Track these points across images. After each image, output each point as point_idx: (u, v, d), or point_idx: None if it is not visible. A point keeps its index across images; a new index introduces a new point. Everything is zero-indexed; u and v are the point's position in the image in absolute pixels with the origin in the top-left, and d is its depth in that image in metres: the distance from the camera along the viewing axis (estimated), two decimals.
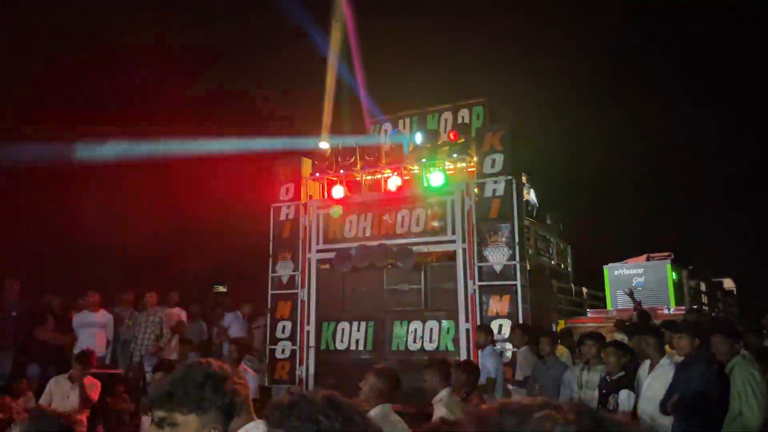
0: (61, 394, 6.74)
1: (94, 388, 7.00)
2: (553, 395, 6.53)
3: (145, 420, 4.98)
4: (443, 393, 4.66)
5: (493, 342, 7.78)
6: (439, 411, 4.54)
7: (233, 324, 10.29)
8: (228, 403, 1.98)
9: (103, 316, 9.44)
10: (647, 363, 5.65)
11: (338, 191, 10.14)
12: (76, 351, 8.05)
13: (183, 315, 10.31)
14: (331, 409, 1.37)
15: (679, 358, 5.36)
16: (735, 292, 16.67)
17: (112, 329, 9.56)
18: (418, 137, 9.95)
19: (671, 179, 21.87)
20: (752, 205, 20.70)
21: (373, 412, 3.81)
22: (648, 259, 11.92)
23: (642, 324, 7.14)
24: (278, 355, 9.96)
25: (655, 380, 5.41)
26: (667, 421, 4.98)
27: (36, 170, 14.70)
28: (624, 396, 5.50)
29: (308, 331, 9.84)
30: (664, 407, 4.97)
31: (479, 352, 7.70)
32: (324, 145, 10.49)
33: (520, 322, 8.27)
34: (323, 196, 10.49)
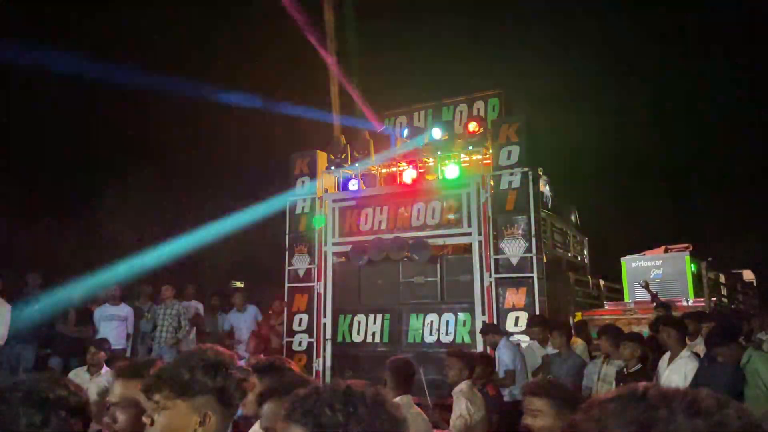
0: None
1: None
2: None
3: None
4: (463, 385, 4.67)
5: (507, 335, 7.76)
6: (460, 402, 4.56)
7: (241, 322, 10.28)
8: (220, 389, 1.93)
9: (123, 309, 9.54)
10: (667, 355, 5.62)
11: (353, 185, 10.17)
12: None
13: (200, 308, 10.40)
14: (338, 401, 1.33)
15: (700, 350, 5.33)
16: (755, 284, 16.47)
17: (133, 322, 9.66)
18: (436, 132, 9.90)
19: (690, 170, 21.63)
20: None
21: None
22: (666, 251, 11.83)
23: (665, 316, 7.08)
24: (295, 347, 10.02)
25: (674, 372, 5.38)
26: None
27: (56, 163, 14.90)
28: None
29: (325, 324, 9.88)
30: None
31: None
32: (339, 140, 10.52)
33: (537, 314, 8.23)
34: (339, 189, 10.52)
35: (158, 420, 1.89)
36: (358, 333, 9.65)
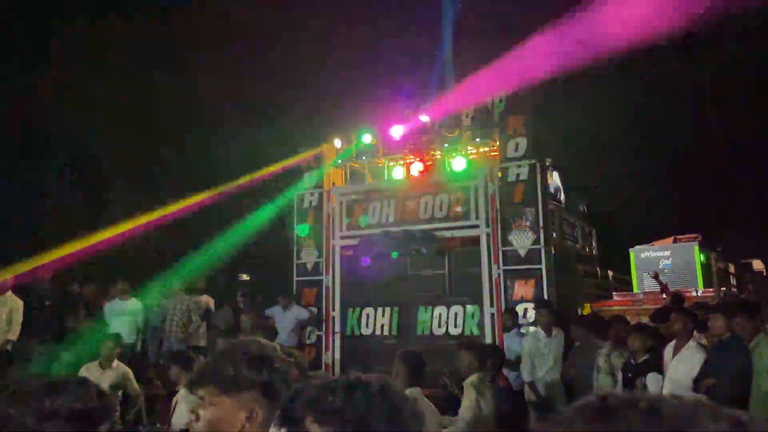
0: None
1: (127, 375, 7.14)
2: (588, 378, 6.54)
3: (179, 399, 5.05)
4: (474, 377, 4.69)
5: (519, 325, 7.84)
6: (470, 394, 4.58)
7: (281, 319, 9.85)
8: (266, 383, 1.87)
9: (133, 303, 9.58)
10: (671, 345, 5.61)
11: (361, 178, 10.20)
12: None
13: (210, 302, 10.43)
14: (340, 389, 1.38)
15: (705, 341, 5.32)
16: (765, 273, 16.40)
17: (143, 317, 9.70)
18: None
19: (697, 159, 21.50)
20: None
21: None
22: (675, 241, 11.81)
23: (678, 306, 7.06)
24: (304, 340, 10.05)
25: (681, 362, 5.37)
26: None
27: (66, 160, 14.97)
28: (652, 379, 5.47)
29: (334, 317, 9.92)
30: (697, 386, 4.94)
31: (504, 334, 7.76)
32: (337, 143, 10.50)
33: (546, 298, 8.22)
34: (346, 182, 10.54)
35: (204, 416, 1.85)
36: (367, 326, 9.69)
